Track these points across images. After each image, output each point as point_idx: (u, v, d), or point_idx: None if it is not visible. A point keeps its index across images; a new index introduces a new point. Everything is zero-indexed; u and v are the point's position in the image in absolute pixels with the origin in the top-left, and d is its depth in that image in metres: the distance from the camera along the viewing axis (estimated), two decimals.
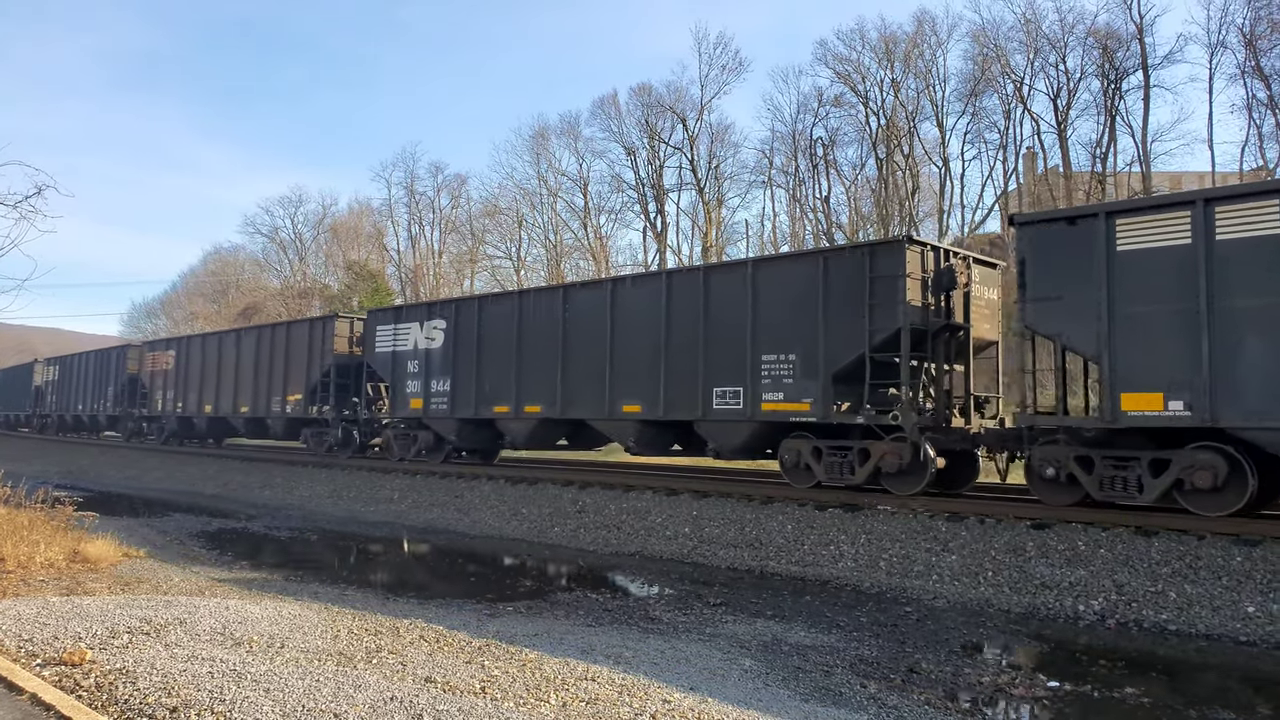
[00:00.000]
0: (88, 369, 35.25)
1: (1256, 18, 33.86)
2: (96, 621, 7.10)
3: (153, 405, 30.37)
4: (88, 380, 35.17)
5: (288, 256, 66.92)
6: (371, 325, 21.04)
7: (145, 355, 31.43)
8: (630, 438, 15.70)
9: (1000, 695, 6.65)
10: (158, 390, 30.11)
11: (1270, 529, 9.37)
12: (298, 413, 23.14)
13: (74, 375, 36.54)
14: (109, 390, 33.31)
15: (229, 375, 26.06)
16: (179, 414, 28.67)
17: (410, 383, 19.50)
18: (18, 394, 44.15)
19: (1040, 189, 39.63)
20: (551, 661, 6.67)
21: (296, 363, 23.32)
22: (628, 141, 49.05)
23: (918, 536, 11.20)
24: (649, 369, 14.89)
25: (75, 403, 36.16)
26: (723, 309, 14.03)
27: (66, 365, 37.99)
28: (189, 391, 28.09)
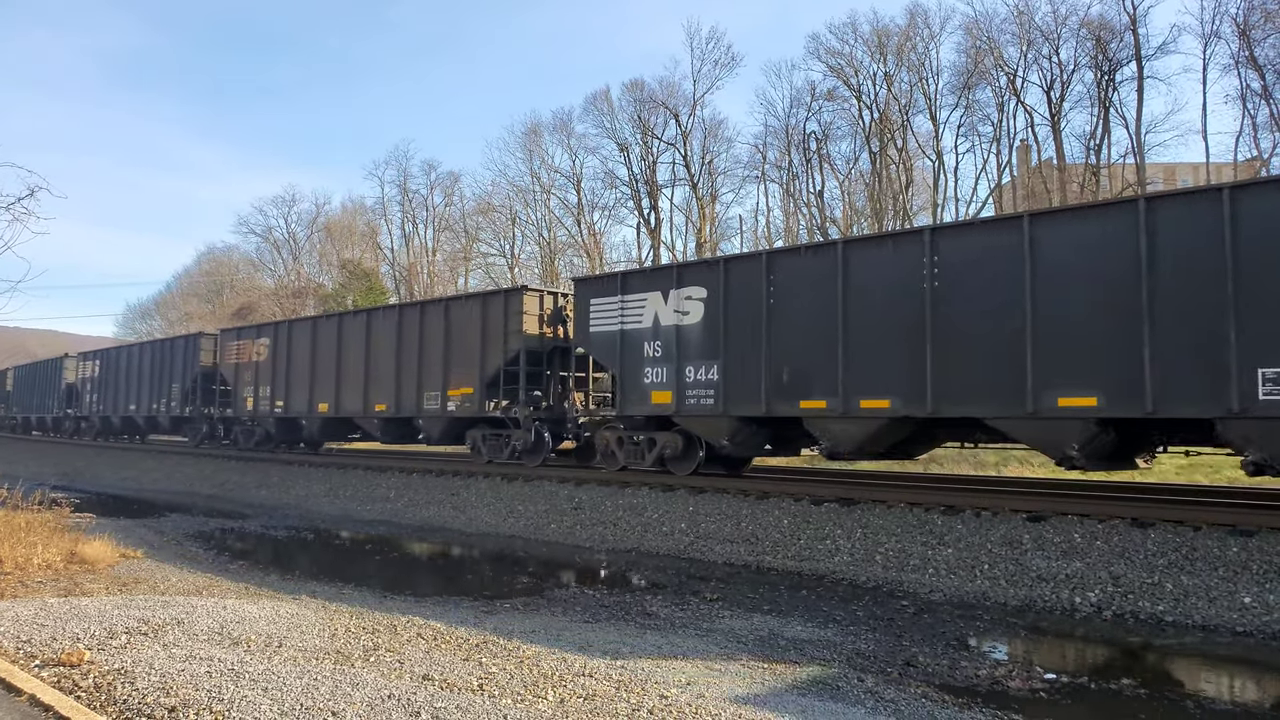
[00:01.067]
0: (143, 363, 30.67)
1: (1250, 8, 33.93)
2: (94, 622, 7.09)
3: (239, 404, 25.53)
4: (143, 376, 30.47)
5: (282, 256, 66.88)
6: (584, 298, 16.69)
7: (227, 345, 26.57)
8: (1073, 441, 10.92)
9: (997, 688, 6.67)
10: (246, 386, 25.24)
11: (1267, 519, 9.41)
12: (468, 411, 18.59)
13: (122, 370, 32.04)
14: (173, 387, 28.84)
15: (356, 367, 21.31)
16: (278, 414, 24.07)
17: (649, 370, 15.26)
18: (43, 393, 40.02)
19: (1034, 181, 39.67)
20: (549, 658, 6.68)
21: (462, 349, 18.75)
22: (621, 138, 49.06)
23: (914, 530, 11.23)
24: None
25: (125, 402, 31.58)
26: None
27: (111, 360, 33.35)
28: (294, 387, 23.38)
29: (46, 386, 39.47)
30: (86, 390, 35.01)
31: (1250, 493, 12.40)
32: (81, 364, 35.97)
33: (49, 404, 39.05)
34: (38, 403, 40.78)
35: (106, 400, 33.28)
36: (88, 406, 34.88)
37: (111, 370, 33.00)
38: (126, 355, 32.67)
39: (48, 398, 39.21)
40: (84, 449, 33.60)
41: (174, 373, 28.96)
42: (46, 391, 39.43)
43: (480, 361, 18.31)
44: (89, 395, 34.80)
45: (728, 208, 70.96)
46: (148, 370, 30.32)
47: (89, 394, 34.79)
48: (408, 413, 19.94)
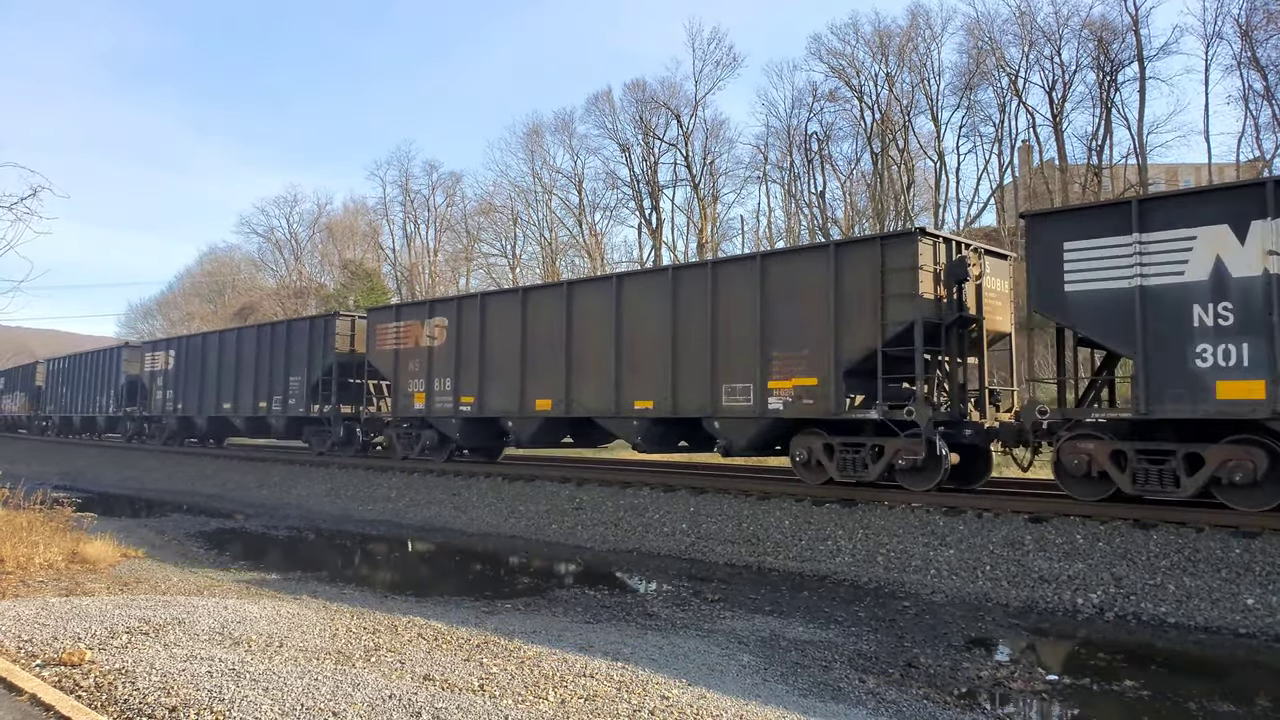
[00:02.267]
0: (242, 352, 25.08)
1: (1252, 8, 33.91)
2: (96, 622, 7.09)
3: (402, 401, 19.83)
4: (242, 368, 24.97)
5: (283, 256, 66.94)
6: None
7: (380, 326, 20.71)
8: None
9: (999, 689, 6.66)
10: (411, 379, 19.67)
11: (1269, 521, 9.38)
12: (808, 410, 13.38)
13: (210, 362, 26.58)
14: (291, 381, 23.16)
15: (600, 349, 16.10)
16: (465, 414, 18.53)
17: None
18: (92, 389, 34.20)
19: (1036, 182, 39.65)
20: (550, 658, 6.68)
21: (793, 323, 13.61)
22: (622, 138, 49.09)
23: (915, 531, 11.22)
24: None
25: (214, 400, 26.27)
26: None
27: (191, 349, 27.80)
28: (492, 378, 18.06)
29: (98, 381, 33.75)
30: (157, 386, 29.36)
31: None
32: (150, 354, 30.31)
33: (101, 402, 33.22)
34: (85, 400, 34.71)
35: (187, 397, 27.87)
36: (159, 405, 29.23)
37: (193, 361, 27.55)
38: (216, 344, 26.76)
39: (99, 394, 33.47)
40: (85, 448, 33.59)
41: (293, 363, 23.19)
42: (97, 387, 33.71)
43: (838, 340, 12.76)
44: (161, 392, 29.19)
45: (729, 208, 71.05)
46: (250, 361, 24.71)
47: (160, 390, 29.18)
48: (693, 412, 14.55)
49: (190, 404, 27.71)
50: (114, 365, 32.44)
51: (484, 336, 18.14)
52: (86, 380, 34.87)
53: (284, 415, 23.44)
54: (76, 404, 35.85)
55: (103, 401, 33.35)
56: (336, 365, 22.03)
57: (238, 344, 25.73)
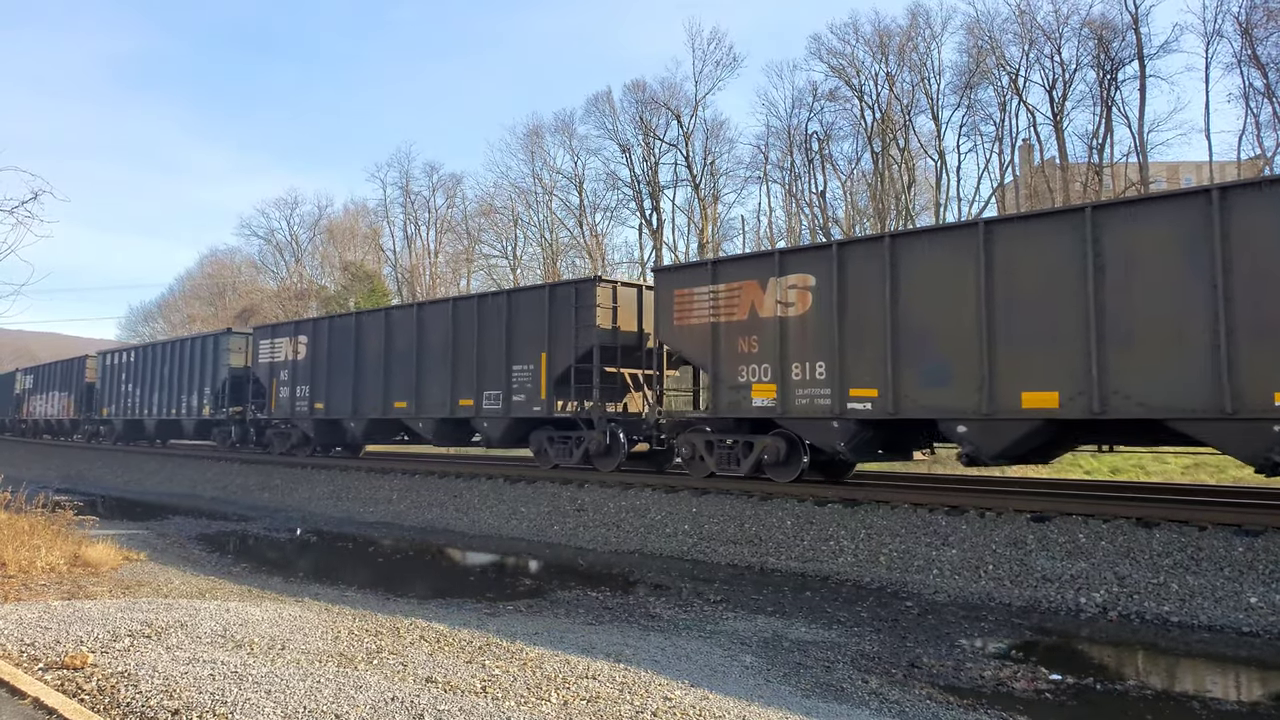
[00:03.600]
0: (427, 339, 19.34)
1: (1252, 6, 33.85)
2: (98, 625, 7.09)
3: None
4: (427, 358, 19.25)
5: (284, 258, 66.95)
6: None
7: (687, 288, 14.84)
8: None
9: (1002, 689, 6.64)
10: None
11: (1272, 519, 9.37)
12: None
13: (368, 350, 20.84)
14: (517, 373, 17.39)
15: None
16: None
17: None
18: (177, 387, 28.11)
19: (1037, 181, 39.64)
20: (552, 660, 6.67)
21: None
22: (622, 139, 49.06)
23: (917, 531, 11.20)
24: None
25: (384, 398, 20.18)
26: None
27: (335, 334, 21.96)
28: None
29: (183, 376, 27.90)
30: (282, 382, 23.54)
31: (1256, 492, 12.37)
32: (271, 341, 24.13)
33: (189, 402, 27.50)
34: (164, 400, 28.80)
35: (333, 395, 21.68)
36: (286, 405, 23.35)
37: (336, 348, 21.80)
38: (379, 326, 20.60)
39: (185, 392, 27.67)
40: (86, 451, 33.57)
41: (522, 348, 17.28)
42: (183, 383, 27.86)
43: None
44: (286, 389, 23.39)
45: (730, 208, 71.16)
46: (437, 349, 18.92)
47: (286, 387, 23.38)
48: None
49: (336, 402, 21.68)
50: (210, 356, 26.70)
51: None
52: (165, 376, 28.81)
53: (509, 416, 17.42)
54: (151, 405, 29.59)
55: (192, 401, 27.33)
56: (599, 346, 16.53)
57: (419, 324, 19.51)
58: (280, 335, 24.04)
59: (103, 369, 33.68)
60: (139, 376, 30.85)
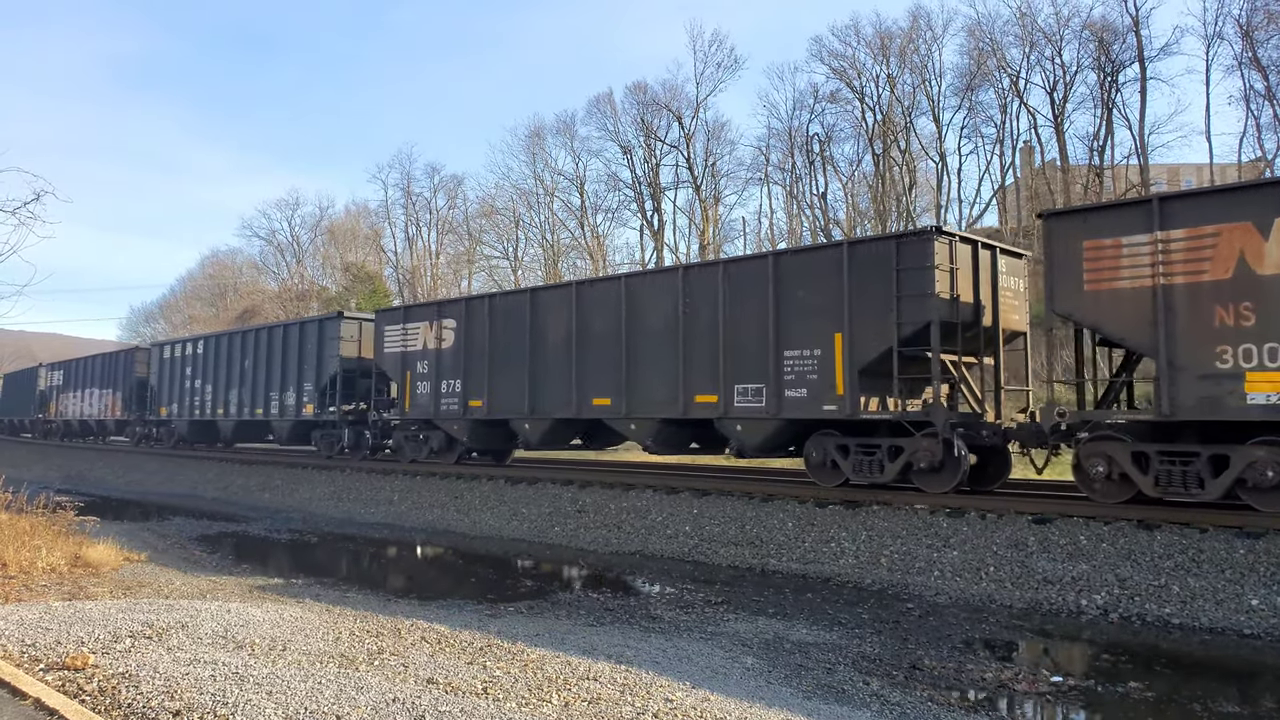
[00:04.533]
0: (646, 321, 15.24)
1: (1253, 9, 33.87)
2: (99, 626, 7.09)
3: None
4: (636, 336, 15.32)
5: (285, 259, 67.02)
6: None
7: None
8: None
9: (1003, 691, 6.64)
10: None
11: (1274, 522, 9.35)
12: None
13: (566, 330, 16.41)
14: (799, 359, 13.35)
15: None
16: None
17: None
18: (267, 380, 23.93)
19: (1038, 183, 39.64)
20: (553, 661, 6.67)
21: None
22: (624, 140, 49.10)
23: (919, 533, 11.20)
24: None
25: (575, 392, 16.15)
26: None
27: (493, 315, 17.88)
28: None
29: (275, 370, 23.66)
30: (419, 375, 19.15)
31: None
32: (403, 329, 19.86)
33: (282, 400, 23.31)
34: (247, 397, 24.69)
35: (496, 391, 17.64)
36: (426, 404, 18.98)
37: (499, 334, 17.69)
38: (566, 304, 16.57)
39: (278, 389, 23.54)
40: (87, 452, 33.59)
41: (800, 322, 13.25)
42: (274, 378, 23.68)
43: None
44: (425, 384, 18.98)
45: (731, 210, 71.21)
46: (658, 331, 14.92)
47: (425, 382, 18.97)
48: None
49: (505, 400, 17.50)
50: (314, 345, 22.32)
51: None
52: (249, 369, 24.70)
53: (778, 416, 13.38)
54: (227, 403, 25.51)
55: (287, 399, 23.13)
56: None
57: (627, 300, 15.50)
58: (415, 319, 19.63)
59: (159, 362, 29.44)
60: (210, 370, 26.52)
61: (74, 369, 37.00)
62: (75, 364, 37.27)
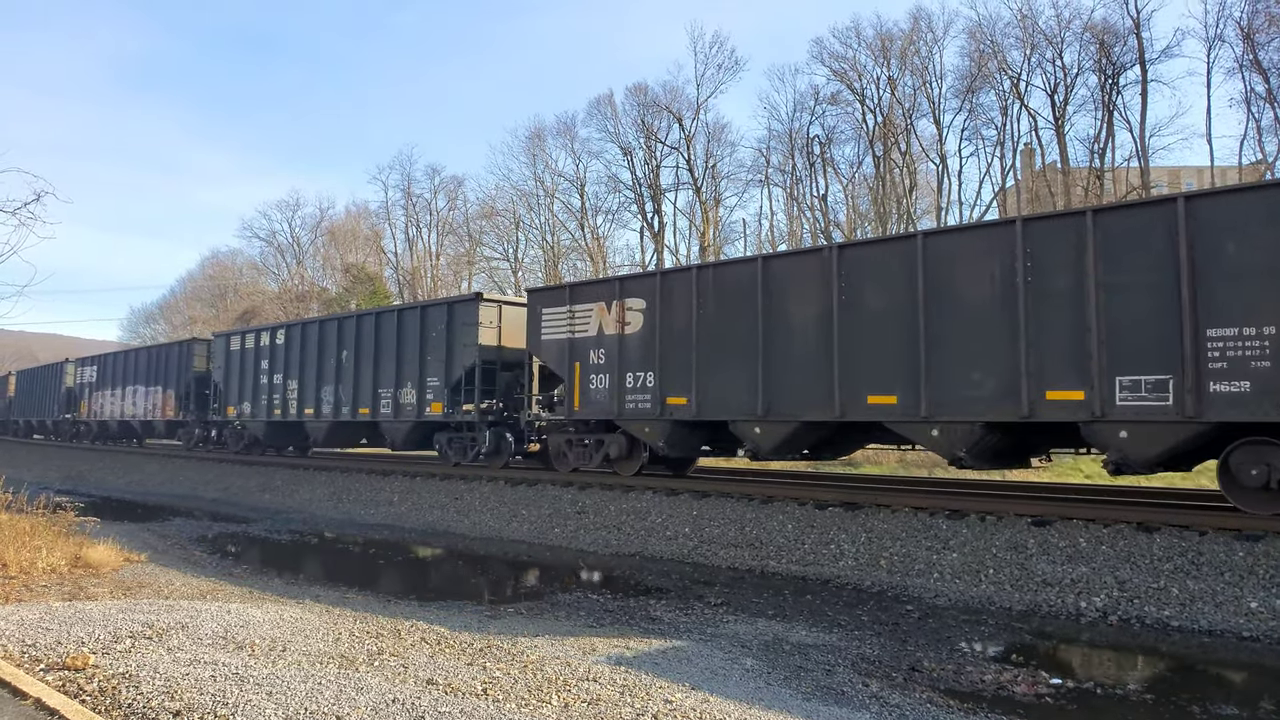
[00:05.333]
0: (922, 279, 11.88)
1: (1254, 11, 33.87)
2: (99, 626, 7.10)
3: None
4: (942, 317, 11.75)
5: (285, 260, 67.03)
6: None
7: None
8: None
9: (1002, 693, 6.64)
10: None
11: (1273, 524, 9.36)
12: None
13: (812, 314, 13.06)
14: None
15: None
16: None
17: None
18: (375, 376, 20.37)
19: (1039, 185, 39.66)
20: (553, 662, 6.67)
21: None
22: (624, 142, 49.10)
23: (918, 535, 11.21)
24: None
25: (836, 386, 12.63)
26: None
27: (701, 291, 14.47)
28: None
29: (394, 364, 19.98)
30: (593, 367, 15.92)
31: None
32: (569, 312, 16.42)
33: (402, 398, 19.73)
34: (348, 395, 21.22)
35: (709, 384, 14.20)
36: (604, 400, 15.66)
37: (712, 314, 14.30)
38: (822, 274, 13.01)
39: (395, 386, 19.95)
40: (88, 453, 33.59)
41: None
42: (392, 374, 20.04)
43: None
44: (603, 377, 15.73)
45: (731, 211, 71.27)
46: (984, 306, 11.43)
47: (603, 375, 15.72)
48: None
49: (723, 396, 14.00)
50: (440, 333, 18.91)
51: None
52: (346, 363, 21.36)
53: (1203, 419, 9.94)
54: (319, 401, 22.24)
55: (402, 397, 19.76)
56: None
57: (923, 265, 11.90)
58: (586, 300, 16.19)
59: (225, 355, 25.94)
60: (293, 364, 23.06)
61: (111, 364, 33.64)
62: (113, 358, 34.03)
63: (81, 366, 36.28)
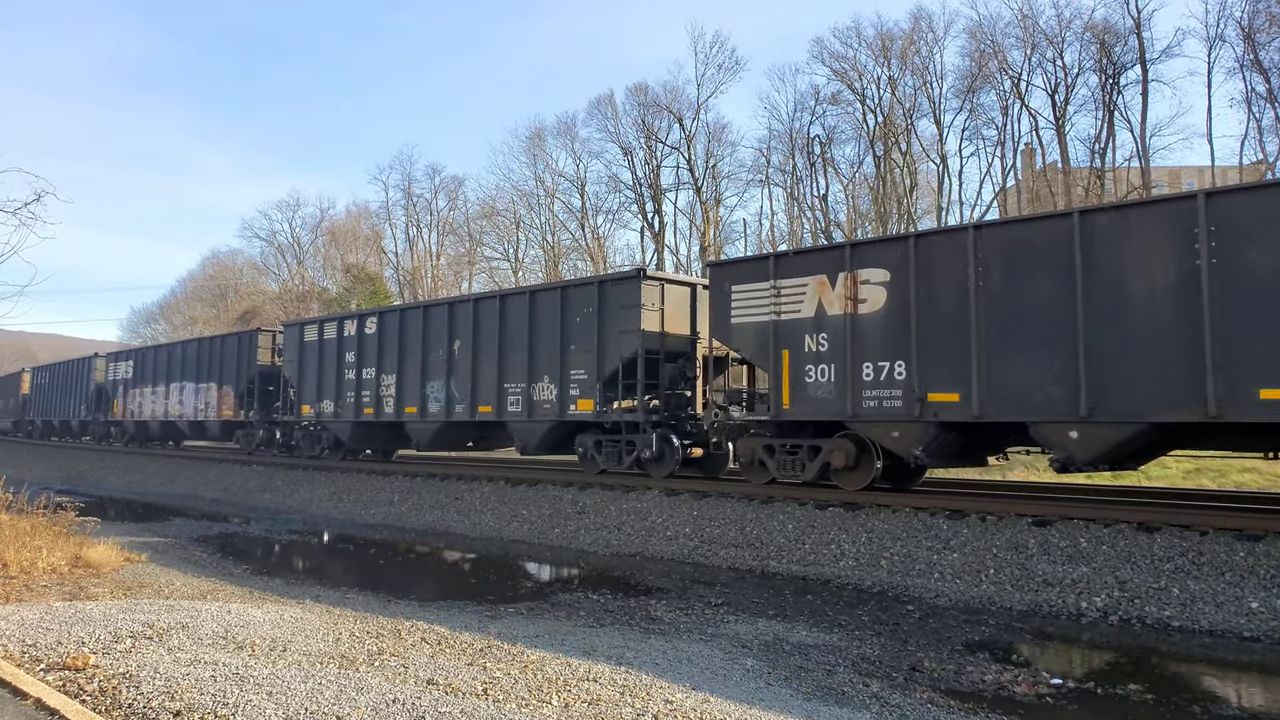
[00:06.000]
0: None
1: (1255, 11, 33.91)
2: (99, 626, 7.10)
3: None
4: None
5: (286, 260, 67.15)
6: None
7: None
8: None
9: (1003, 693, 6.64)
10: None
11: (1273, 524, 9.36)
12: None
13: (1173, 277, 9.82)
14: None
15: None
16: None
17: None
18: (537, 362, 16.91)
19: (1039, 185, 39.66)
20: (553, 662, 6.67)
21: None
22: (624, 142, 49.16)
23: (919, 535, 11.20)
24: None
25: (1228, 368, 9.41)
26: None
27: (986, 256, 11.28)
28: None
29: (527, 353, 17.11)
30: (811, 354, 13.09)
31: (1257, 497, 12.37)
32: (773, 288, 13.63)
33: (538, 393, 16.85)
34: (465, 389, 18.25)
35: (1000, 372, 11.15)
36: (831, 398, 12.87)
37: (995, 289, 11.23)
38: (1177, 225, 9.82)
39: (533, 379, 16.95)
40: (88, 453, 33.60)
41: None
42: (524, 365, 17.13)
43: None
44: (827, 369, 12.94)
45: (732, 211, 71.29)
46: None
47: (827, 366, 12.93)
48: None
49: (1017, 389, 11.03)
50: (589, 319, 16.18)
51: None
52: (460, 355, 18.36)
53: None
54: (427, 399, 19.05)
55: (538, 393, 16.85)
56: None
57: None
58: (796, 273, 13.25)
59: (298, 347, 22.71)
60: (388, 355, 20.05)
61: (150, 359, 30.71)
62: (154, 352, 31.17)
63: (115, 362, 33.08)
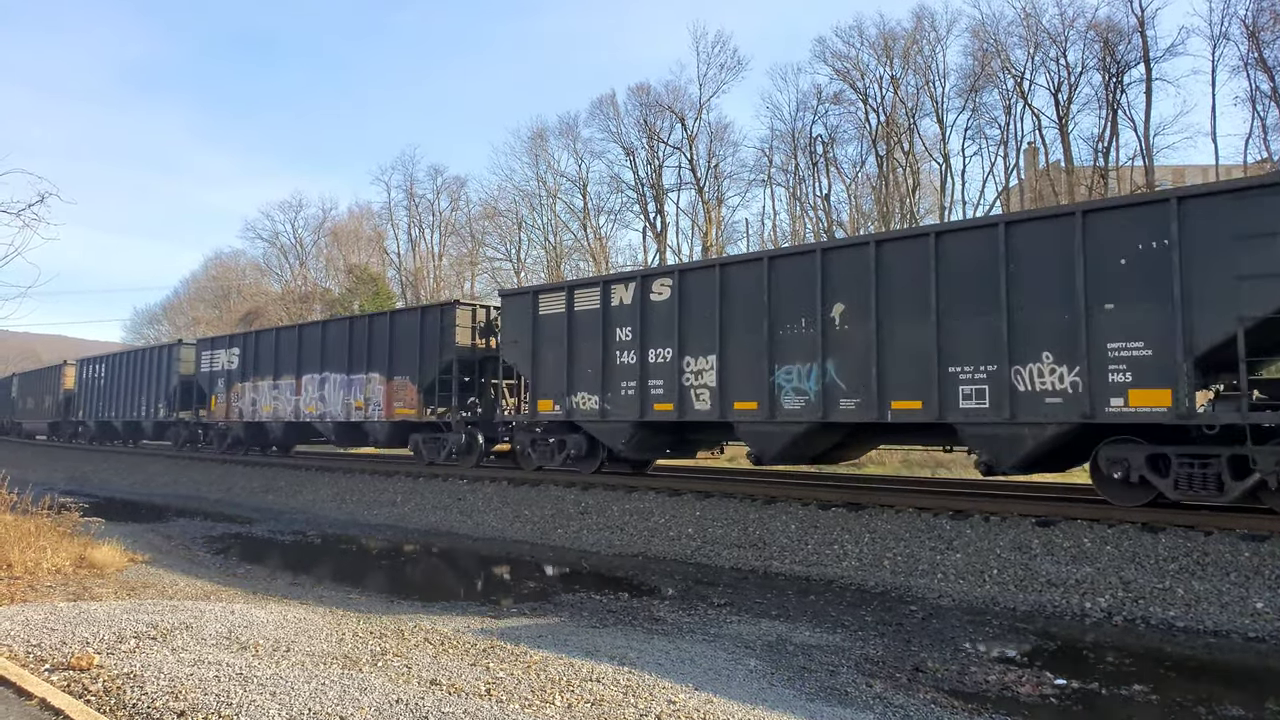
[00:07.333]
0: None
1: (1259, 9, 33.76)
2: (104, 626, 7.11)
3: None
4: None
5: (288, 261, 67.14)
6: None
7: None
8: None
9: (1007, 693, 6.63)
10: None
11: (1278, 524, 9.34)
12: None
13: None
14: None
15: None
16: None
17: None
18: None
19: (1042, 184, 39.59)
20: (556, 663, 6.67)
21: None
22: (626, 142, 49.09)
23: (922, 535, 11.19)
24: None
25: None
26: None
27: None
28: None
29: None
30: None
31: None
32: None
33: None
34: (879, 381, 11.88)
35: None
36: None
37: None
38: None
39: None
40: (91, 453, 33.67)
41: None
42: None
43: None
44: None
45: (734, 211, 71.30)
46: None
47: None
48: None
49: None
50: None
51: None
52: (842, 322, 12.39)
53: None
54: (779, 388, 13.08)
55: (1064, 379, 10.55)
56: None
57: None
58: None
59: (530, 322, 16.83)
60: (699, 329, 14.17)
61: (264, 345, 24.46)
62: (267, 336, 24.82)
63: (211, 350, 27.26)
